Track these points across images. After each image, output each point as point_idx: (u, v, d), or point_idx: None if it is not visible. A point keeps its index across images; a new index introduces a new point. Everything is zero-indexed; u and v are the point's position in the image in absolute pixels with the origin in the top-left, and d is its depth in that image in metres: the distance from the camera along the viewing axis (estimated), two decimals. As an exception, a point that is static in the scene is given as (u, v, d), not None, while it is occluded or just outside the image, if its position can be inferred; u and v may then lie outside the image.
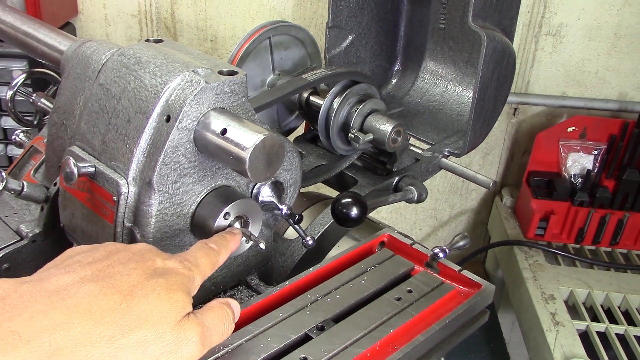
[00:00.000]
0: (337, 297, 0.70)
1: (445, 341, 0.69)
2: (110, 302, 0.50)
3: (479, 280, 0.75)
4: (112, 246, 0.57)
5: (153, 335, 0.50)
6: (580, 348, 1.56)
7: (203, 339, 0.54)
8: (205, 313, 0.57)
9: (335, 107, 1.01)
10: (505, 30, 1.15)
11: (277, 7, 2.08)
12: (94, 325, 0.48)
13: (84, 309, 0.49)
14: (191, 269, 0.58)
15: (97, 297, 0.50)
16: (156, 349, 0.50)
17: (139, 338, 0.50)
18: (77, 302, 0.49)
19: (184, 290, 0.55)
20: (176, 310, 0.53)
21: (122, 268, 0.54)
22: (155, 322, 0.51)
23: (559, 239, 2.06)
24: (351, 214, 0.87)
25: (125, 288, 0.52)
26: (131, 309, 0.50)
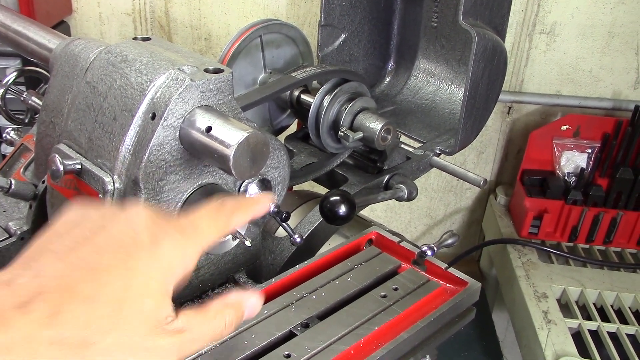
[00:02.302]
0: (323, 294, 0.71)
1: (430, 338, 0.70)
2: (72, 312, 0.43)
3: (465, 278, 0.76)
4: (97, 223, 0.49)
5: (120, 345, 0.44)
6: (571, 346, 1.56)
7: (180, 352, 0.48)
8: (193, 319, 0.50)
9: (325, 105, 1.01)
10: (497, 29, 1.15)
11: (271, 5, 2.08)
12: (48, 322, 0.42)
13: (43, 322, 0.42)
14: (186, 246, 0.50)
15: (58, 286, 0.44)
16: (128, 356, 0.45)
17: (105, 346, 0.44)
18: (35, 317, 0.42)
19: (162, 292, 0.47)
20: (149, 318, 0.46)
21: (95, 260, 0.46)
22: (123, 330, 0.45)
23: (552, 237, 2.06)
24: (339, 212, 0.87)
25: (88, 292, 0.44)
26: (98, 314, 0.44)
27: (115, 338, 0.44)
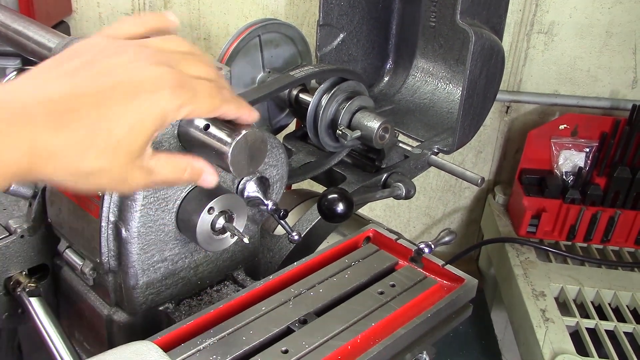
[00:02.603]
0: (321, 291, 0.71)
1: (427, 335, 0.70)
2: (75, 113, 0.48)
3: (462, 275, 0.76)
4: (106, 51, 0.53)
5: (103, 169, 0.50)
6: (569, 344, 1.57)
7: (144, 188, 0.57)
8: (162, 166, 0.56)
9: (324, 104, 1.02)
10: (495, 28, 1.16)
11: (270, 5, 2.08)
12: (51, 134, 0.47)
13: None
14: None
15: (66, 106, 0.48)
16: (104, 179, 0.51)
17: (92, 167, 0.50)
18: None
19: (149, 131, 0.52)
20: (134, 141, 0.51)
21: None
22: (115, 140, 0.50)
23: (550, 236, 2.07)
24: (337, 210, 0.88)
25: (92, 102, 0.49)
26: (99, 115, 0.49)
27: (102, 165, 0.50)
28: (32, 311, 0.82)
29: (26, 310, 0.84)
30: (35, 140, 0.46)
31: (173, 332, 0.63)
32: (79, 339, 0.88)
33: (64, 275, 0.85)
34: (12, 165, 0.46)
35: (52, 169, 0.48)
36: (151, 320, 0.77)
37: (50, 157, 0.47)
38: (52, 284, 0.90)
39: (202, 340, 0.62)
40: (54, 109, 0.48)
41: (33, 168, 0.47)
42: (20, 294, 0.85)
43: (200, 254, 0.79)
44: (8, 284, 0.87)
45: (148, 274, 0.74)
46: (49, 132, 0.47)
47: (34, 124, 0.46)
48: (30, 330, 0.99)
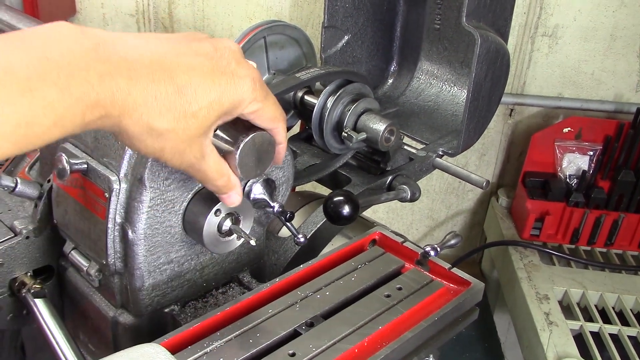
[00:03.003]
0: (327, 293, 0.71)
1: (434, 338, 0.70)
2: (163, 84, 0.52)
3: (469, 278, 0.76)
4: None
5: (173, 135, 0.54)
6: (573, 348, 1.56)
7: (189, 167, 0.59)
8: (214, 156, 0.60)
9: (329, 106, 1.02)
10: (500, 31, 1.15)
11: (274, 7, 2.08)
12: (146, 88, 0.51)
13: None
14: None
15: (161, 65, 0.52)
16: (167, 144, 0.55)
17: (165, 127, 0.53)
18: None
19: (221, 115, 0.56)
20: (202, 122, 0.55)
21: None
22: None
23: (554, 239, 2.06)
24: (343, 212, 0.87)
25: (181, 82, 0.53)
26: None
27: (176, 127, 0.53)
28: (37, 312, 0.82)
29: (31, 312, 0.84)
30: (131, 90, 0.49)
31: (180, 335, 0.63)
32: (84, 341, 0.88)
33: (69, 276, 0.85)
34: (107, 112, 0.49)
35: (133, 120, 0.51)
36: (157, 322, 0.77)
37: (136, 108, 0.50)
38: (57, 285, 0.90)
39: (210, 342, 0.61)
40: (151, 65, 0.51)
41: (120, 116, 0.50)
42: (25, 295, 0.84)
43: (206, 256, 0.78)
44: (13, 285, 0.87)
45: (154, 275, 0.73)
46: (143, 84, 0.50)
47: (131, 74, 0.49)
48: (33, 331, 0.99)
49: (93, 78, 0.46)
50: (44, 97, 0.43)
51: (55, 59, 0.45)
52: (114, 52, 0.49)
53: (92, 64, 0.47)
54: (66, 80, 0.45)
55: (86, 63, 0.46)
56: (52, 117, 0.44)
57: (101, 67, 0.47)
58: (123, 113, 0.50)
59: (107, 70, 0.47)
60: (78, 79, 0.45)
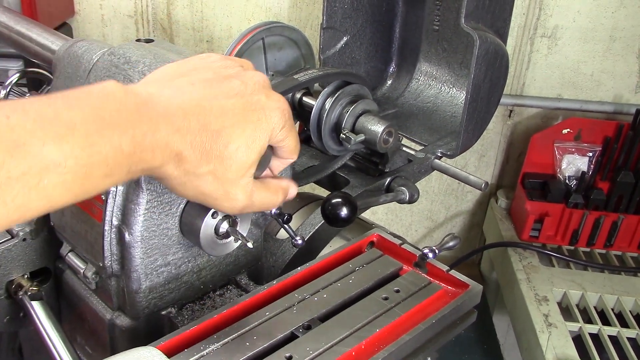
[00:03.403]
0: (325, 296, 0.71)
1: (432, 341, 0.70)
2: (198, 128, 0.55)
3: (467, 281, 0.76)
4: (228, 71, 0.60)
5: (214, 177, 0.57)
6: (572, 350, 1.56)
7: (242, 209, 0.61)
8: (259, 190, 0.63)
9: (327, 108, 1.01)
10: (499, 32, 1.15)
11: (273, 8, 2.08)
12: (181, 138, 0.54)
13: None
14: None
15: (194, 113, 0.55)
16: (211, 186, 0.57)
17: (206, 170, 0.56)
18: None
19: (258, 152, 0.59)
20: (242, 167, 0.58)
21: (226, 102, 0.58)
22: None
23: (553, 240, 2.06)
24: (341, 214, 0.87)
25: (216, 128, 0.56)
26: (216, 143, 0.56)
27: (214, 170, 0.56)
28: (34, 315, 0.82)
29: (28, 314, 0.83)
30: (170, 142, 0.53)
31: (176, 338, 0.62)
32: (81, 343, 0.87)
33: (66, 278, 0.85)
34: (150, 164, 0.52)
35: (172, 168, 0.54)
36: (154, 325, 0.77)
37: (174, 158, 0.54)
38: (54, 287, 0.90)
39: (206, 345, 0.61)
40: (186, 116, 0.54)
41: (161, 166, 0.54)
42: (22, 297, 0.84)
43: (203, 258, 0.78)
44: (10, 287, 0.86)
45: (151, 278, 0.73)
46: (181, 134, 0.53)
47: (169, 128, 0.53)
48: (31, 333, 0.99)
49: (138, 136, 0.50)
50: (99, 152, 0.48)
51: (108, 118, 0.49)
52: (154, 109, 0.53)
53: (137, 124, 0.51)
54: (118, 139, 0.49)
55: (132, 123, 0.50)
56: (104, 170, 0.49)
57: (144, 127, 0.51)
58: (163, 163, 0.54)
59: (149, 128, 0.51)
60: (127, 137, 0.50)
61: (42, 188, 0.45)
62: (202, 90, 0.57)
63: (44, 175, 0.45)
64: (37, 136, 0.45)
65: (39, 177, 0.45)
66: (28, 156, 0.44)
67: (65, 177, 0.46)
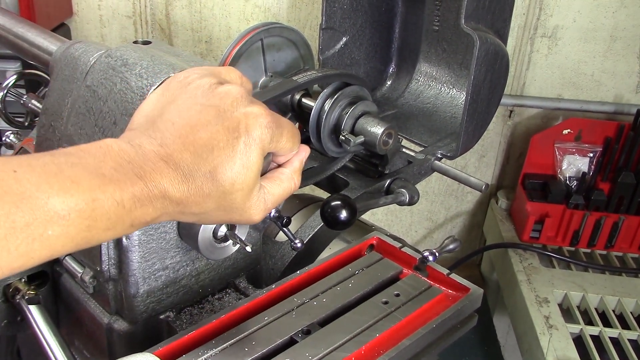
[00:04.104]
0: (324, 300, 0.70)
1: (432, 345, 0.69)
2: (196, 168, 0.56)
3: (467, 284, 0.75)
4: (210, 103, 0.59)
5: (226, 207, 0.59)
6: (573, 351, 1.55)
7: (265, 215, 0.63)
8: (273, 188, 0.63)
9: (327, 109, 1.01)
10: (499, 33, 1.15)
11: (272, 8, 2.08)
12: (178, 185, 0.55)
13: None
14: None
15: (184, 160, 0.55)
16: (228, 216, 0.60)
17: (216, 206, 0.58)
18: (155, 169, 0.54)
19: (257, 166, 0.59)
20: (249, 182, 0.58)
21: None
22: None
23: (554, 241, 2.05)
24: (340, 217, 0.86)
25: (209, 168, 0.56)
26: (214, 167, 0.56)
27: (223, 203, 0.57)
28: (32, 319, 0.81)
29: (25, 318, 0.83)
30: (166, 191, 0.54)
31: (174, 343, 0.62)
32: (79, 347, 0.87)
33: (64, 282, 0.84)
34: (152, 216, 0.54)
35: (181, 213, 0.56)
36: (152, 329, 0.76)
37: (179, 204, 0.55)
38: (51, 291, 0.89)
39: (204, 351, 0.60)
40: (175, 163, 0.55)
41: (163, 214, 0.55)
42: (20, 301, 0.83)
43: (201, 262, 0.77)
44: (7, 291, 0.86)
45: (149, 282, 0.72)
46: (175, 183, 0.55)
47: (165, 178, 0.54)
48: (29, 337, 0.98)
49: (137, 192, 0.52)
50: (102, 206, 0.50)
51: (108, 175, 0.51)
52: (147, 164, 0.54)
53: (135, 180, 0.53)
54: (120, 195, 0.51)
55: (131, 180, 0.52)
56: (106, 224, 0.51)
57: (141, 183, 0.53)
58: (166, 212, 0.55)
59: (145, 184, 0.53)
60: (127, 194, 0.51)
61: (46, 238, 0.47)
62: (183, 128, 0.57)
63: (48, 226, 0.47)
64: (42, 189, 0.47)
65: (43, 227, 0.47)
66: (34, 208, 0.46)
67: (68, 229, 0.48)
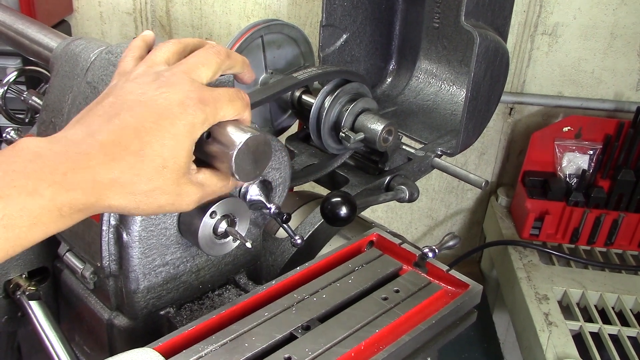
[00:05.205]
0: (324, 296, 0.70)
1: (432, 341, 0.69)
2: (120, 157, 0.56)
3: (467, 281, 0.75)
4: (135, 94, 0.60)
5: (158, 191, 0.58)
6: (573, 348, 1.56)
7: (199, 201, 0.63)
8: (210, 177, 0.64)
9: (327, 106, 1.01)
10: (499, 30, 1.15)
11: (273, 5, 2.07)
12: (110, 182, 0.55)
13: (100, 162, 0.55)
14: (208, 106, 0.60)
15: (113, 142, 0.55)
16: (160, 199, 0.58)
17: (146, 190, 0.57)
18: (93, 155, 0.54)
19: (189, 150, 0.59)
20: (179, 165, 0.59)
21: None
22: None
23: (553, 239, 2.06)
24: (340, 213, 0.87)
25: (136, 148, 0.56)
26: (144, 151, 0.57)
27: (156, 184, 0.57)
28: (32, 315, 0.81)
29: (26, 314, 0.83)
30: (96, 175, 0.54)
31: (174, 338, 0.62)
32: (79, 343, 0.87)
33: (64, 278, 0.85)
34: (83, 202, 0.53)
35: (114, 197, 0.55)
36: (152, 325, 0.76)
37: (111, 186, 0.55)
38: (52, 287, 0.89)
39: (204, 346, 0.61)
40: (104, 147, 0.55)
41: (99, 200, 0.55)
42: (20, 297, 0.84)
43: (202, 258, 0.78)
44: (8, 287, 0.86)
45: (149, 278, 0.73)
46: (105, 166, 0.54)
47: (92, 163, 0.54)
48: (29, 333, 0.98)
49: (58, 178, 0.52)
50: (16, 202, 0.49)
51: (20, 169, 0.51)
52: (73, 152, 0.54)
53: (57, 166, 0.52)
54: (34, 185, 0.50)
55: (50, 168, 0.52)
56: (28, 219, 0.50)
57: (63, 167, 0.52)
58: (105, 196, 0.55)
59: (68, 168, 0.52)
60: (44, 183, 0.51)
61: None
62: (111, 115, 0.57)
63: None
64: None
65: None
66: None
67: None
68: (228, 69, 0.68)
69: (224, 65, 0.66)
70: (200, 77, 0.63)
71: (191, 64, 0.63)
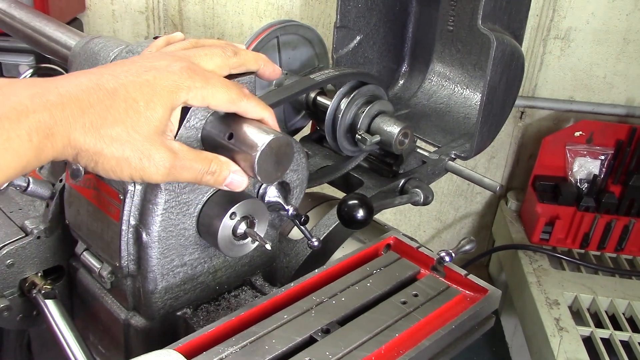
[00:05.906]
0: (343, 299, 0.70)
1: (451, 346, 0.69)
2: (95, 96, 0.55)
3: (486, 285, 0.75)
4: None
5: (126, 137, 0.56)
6: (584, 354, 1.55)
7: (170, 169, 0.59)
8: (188, 152, 0.60)
9: (343, 108, 1.01)
10: (515, 34, 1.14)
11: (285, 6, 2.07)
12: (80, 112, 0.54)
13: (74, 97, 0.54)
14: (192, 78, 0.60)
15: (85, 89, 0.55)
16: (127, 149, 0.56)
17: (115, 134, 0.55)
18: (69, 90, 0.54)
19: (169, 107, 0.58)
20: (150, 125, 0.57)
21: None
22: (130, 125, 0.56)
23: (564, 243, 2.05)
24: (357, 216, 0.86)
25: (111, 87, 0.56)
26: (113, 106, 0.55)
27: (123, 129, 0.55)
28: (48, 313, 0.81)
29: (41, 312, 0.83)
30: (65, 101, 0.53)
31: (194, 340, 0.62)
32: (94, 342, 0.87)
33: (80, 277, 0.84)
34: (49, 125, 0.52)
35: (80, 129, 0.54)
36: (169, 325, 0.76)
37: (78, 116, 0.54)
38: (67, 285, 0.89)
39: (225, 348, 0.60)
40: (81, 96, 0.54)
41: (65, 129, 0.53)
42: (36, 295, 0.84)
43: (219, 259, 0.77)
44: (23, 285, 0.86)
45: (167, 278, 0.72)
46: (75, 98, 0.54)
47: (62, 91, 0.54)
48: (41, 331, 0.98)
49: (25, 99, 0.52)
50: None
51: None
52: (47, 83, 0.54)
53: (24, 90, 0.53)
54: (2, 111, 0.50)
55: (19, 95, 0.52)
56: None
57: (32, 90, 0.53)
58: (65, 127, 0.53)
59: (36, 92, 0.53)
60: (13, 105, 0.51)
61: None
62: (98, 75, 0.57)
63: None
64: None
65: None
66: None
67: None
68: (238, 66, 0.67)
69: (230, 61, 0.66)
70: (200, 63, 0.62)
71: (194, 51, 0.64)
